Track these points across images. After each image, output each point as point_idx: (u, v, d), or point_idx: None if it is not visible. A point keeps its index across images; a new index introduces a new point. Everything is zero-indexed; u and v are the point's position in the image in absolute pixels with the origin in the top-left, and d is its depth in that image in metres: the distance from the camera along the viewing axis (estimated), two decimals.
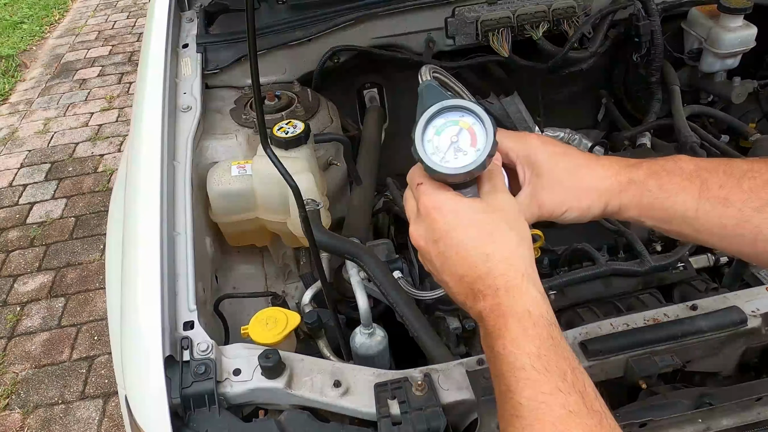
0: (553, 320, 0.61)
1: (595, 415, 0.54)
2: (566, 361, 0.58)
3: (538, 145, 0.74)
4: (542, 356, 0.57)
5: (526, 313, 0.60)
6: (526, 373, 0.57)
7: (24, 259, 3.16)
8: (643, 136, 1.67)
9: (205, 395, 0.86)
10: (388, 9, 1.63)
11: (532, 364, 0.57)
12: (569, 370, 0.57)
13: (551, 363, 0.57)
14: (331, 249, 1.14)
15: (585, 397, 0.55)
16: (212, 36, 1.62)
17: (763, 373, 1.02)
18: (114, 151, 3.91)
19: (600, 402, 0.56)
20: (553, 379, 0.56)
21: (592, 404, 0.55)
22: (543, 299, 0.62)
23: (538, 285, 0.64)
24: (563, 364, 0.57)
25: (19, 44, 5.57)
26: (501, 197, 0.67)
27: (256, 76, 0.80)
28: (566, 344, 0.60)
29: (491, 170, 0.69)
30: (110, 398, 2.44)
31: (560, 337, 0.60)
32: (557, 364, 0.57)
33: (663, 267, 1.19)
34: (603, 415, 0.55)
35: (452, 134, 0.67)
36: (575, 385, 0.56)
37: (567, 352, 0.59)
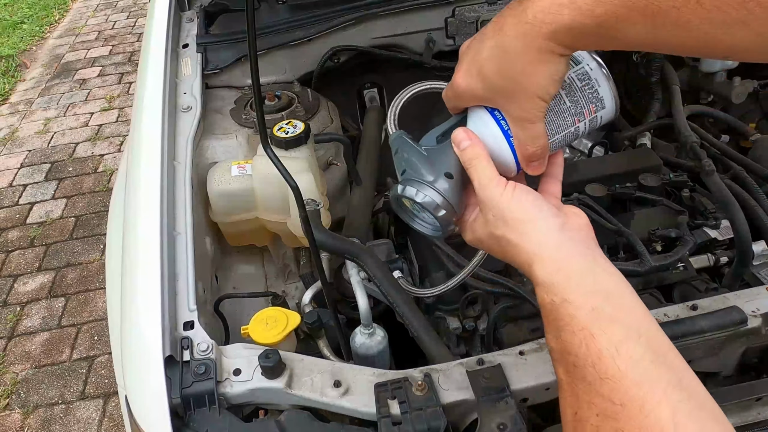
0: (565, 293, 0.59)
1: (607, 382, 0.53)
2: (578, 334, 0.56)
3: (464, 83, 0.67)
4: (560, 338, 0.58)
5: (542, 301, 0.61)
6: (554, 355, 0.60)
7: (24, 259, 3.16)
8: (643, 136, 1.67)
9: (206, 395, 0.86)
10: (388, 9, 1.63)
11: (555, 347, 0.60)
12: (582, 342, 0.56)
13: (567, 342, 0.58)
14: (331, 249, 1.14)
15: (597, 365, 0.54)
16: (212, 36, 1.62)
17: (763, 373, 1.02)
18: (114, 151, 3.91)
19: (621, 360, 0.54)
20: (570, 357, 0.57)
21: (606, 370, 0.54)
22: (553, 276, 0.60)
23: (547, 263, 0.61)
24: (575, 339, 0.56)
25: (19, 44, 5.57)
26: (488, 202, 0.67)
27: (256, 76, 0.80)
28: (583, 311, 0.57)
29: (469, 161, 0.69)
30: (110, 398, 2.44)
31: (575, 309, 0.57)
32: (571, 341, 0.57)
33: (663, 267, 1.19)
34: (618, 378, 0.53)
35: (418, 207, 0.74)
36: (588, 357, 0.55)
37: (581, 321, 0.56)
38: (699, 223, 1.32)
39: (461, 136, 0.70)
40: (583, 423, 0.55)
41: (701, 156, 1.38)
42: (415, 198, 0.71)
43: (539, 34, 0.57)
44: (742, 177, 1.37)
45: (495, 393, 0.84)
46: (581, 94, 0.68)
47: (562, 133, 0.68)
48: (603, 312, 0.56)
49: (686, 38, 0.52)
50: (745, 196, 1.30)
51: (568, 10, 0.54)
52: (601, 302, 0.57)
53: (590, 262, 0.61)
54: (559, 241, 0.63)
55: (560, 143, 0.70)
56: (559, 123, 0.68)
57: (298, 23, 1.61)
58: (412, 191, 0.71)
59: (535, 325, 1.17)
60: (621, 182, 1.38)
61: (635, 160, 1.47)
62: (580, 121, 0.68)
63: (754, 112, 1.82)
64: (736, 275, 1.26)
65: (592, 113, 0.68)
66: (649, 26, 0.53)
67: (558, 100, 0.67)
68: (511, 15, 0.60)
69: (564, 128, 0.68)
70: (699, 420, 0.50)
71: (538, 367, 0.89)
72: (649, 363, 0.53)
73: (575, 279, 0.59)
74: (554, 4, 0.55)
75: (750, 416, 0.87)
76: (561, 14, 0.55)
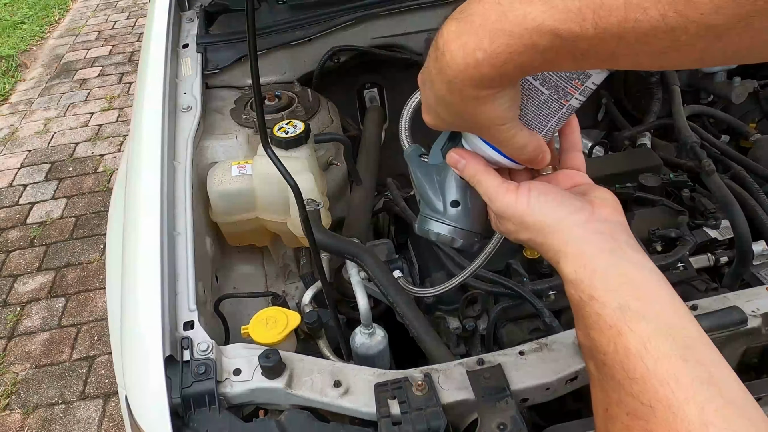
0: (592, 290, 0.57)
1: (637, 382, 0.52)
2: (606, 332, 0.55)
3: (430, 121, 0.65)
4: (588, 335, 0.57)
5: (571, 298, 0.60)
6: (584, 351, 0.59)
7: (24, 259, 3.16)
8: (643, 136, 1.67)
9: (206, 395, 0.86)
10: (388, 9, 1.63)
11: (585, 343, 0.59)
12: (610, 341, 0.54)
13: (595, 340, 0.56)
14: (331, 249, 1.14)
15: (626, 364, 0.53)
16: (212, 36, 1.62)
17: (763, 373, 1.02)
18: (114, 151, 3.91)
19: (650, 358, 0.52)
20: (599, 355, 0.56)
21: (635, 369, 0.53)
22: (578, 272, 0.59)
23: (572, 259, 0.60)
24: (603, 338, 0.55)
25: (19, 44, 5.57)
26: (501, 212, 0.66)
27: (257, 76, 0.80)
28: (609, 308, 0.55)
29: (472, 179, 0.68)
30: (110, 398, 2.44)
31: (601, 306, 0.55)
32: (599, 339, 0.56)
33: (663, 267, 1.19)
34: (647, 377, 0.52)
35: None
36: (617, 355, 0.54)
37: (609, 319, 0.55)
38: (699, 223, 1.32)
39: (454, 158, 0.69)
40: (613, 420, 0.54)
41: (701, 156, 1.38)
42: (430, 237, 0.74)
43: (467, 88, 0.55)
44: (742, 177, 1.37)
45: (495, 393, 0.84)
46: (558, 77, 0.63)
47: (554, 118, 0.66)
48: (630, 308, 0.54)
49: (617, 64, 0.50)
50: (745, 196, 1.30)
51: (486, 66, 0.52)
52: (629, 298, 0.55)
53: (617, 256, 0.59)
54: (584, 236, 0.61)
55: (557, 126, 0.67)
56: (546, 113, 0.65)
57: (298, 23, 1.61)
58: (425, 230, 0.75)
59: (535, 325, 1.17)
60: (621, 182, 1.39)
61: (635, 160, 1.47)
62: (568, 100, 0.64)
63: (754, 112, 1.82)
64: (736, 275, 1.26)
65: (579, 87, 0.64)
66: (573, 63, 0.51)
67: (535, 93, 0.63)
68: (435, 71, 0.57)
69: (553, 114, 0.65)
70: (728, 418, 0.48)
71: (538, 367, 0.89)
72: (678, 359, 0.51)
73: (601, 275, 0.57)
74: (470, 66, 0.52)
75: None
76: (480, 70, 0.52)
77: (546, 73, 0.62)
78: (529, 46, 0.49)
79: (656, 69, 0.51)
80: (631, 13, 0.44)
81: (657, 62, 0.48)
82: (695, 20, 0.42)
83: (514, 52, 0.50)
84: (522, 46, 0.49)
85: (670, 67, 0.50)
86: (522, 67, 0.51)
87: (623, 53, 0.47)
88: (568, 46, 0.48)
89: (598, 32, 0.46)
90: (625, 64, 0.49)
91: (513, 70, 0.52)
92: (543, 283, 1.19)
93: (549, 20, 0.47)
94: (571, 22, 0.47)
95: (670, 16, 0.43)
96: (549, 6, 0.47)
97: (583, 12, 0.46)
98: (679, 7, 0.42)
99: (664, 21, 0.43)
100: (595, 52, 0.48)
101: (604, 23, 0.45)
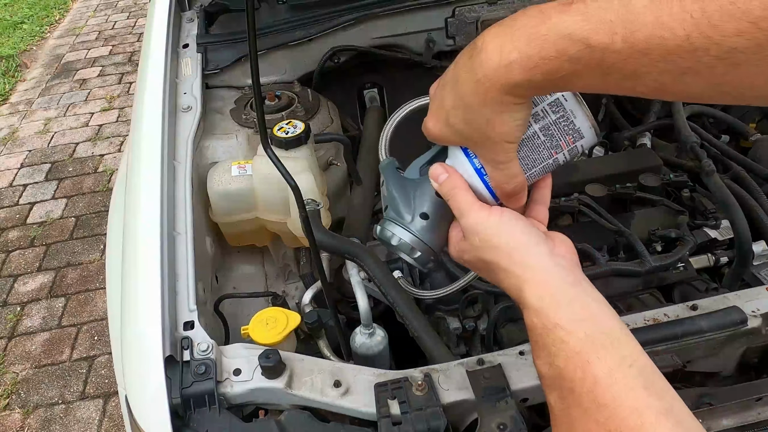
0: (557, 318, 0.59)
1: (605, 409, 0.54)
2: (573, 359, 0.57)
3: (435, 130, 0.67)
4: (552, 364, 0.58)
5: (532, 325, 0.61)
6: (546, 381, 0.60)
7: (24, 259, 3.16)
8: (643, 136, 1.67)
9: (206, 395, 0.86)
10: (388, 9, 1.63)
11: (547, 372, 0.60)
12: (577, 368, 0.56)
13: (560, 368, 0.58)
14: (331, 249, 1.14)
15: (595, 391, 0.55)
16: (212, 36, 1.62)
17: (763, 373, 1.02)
18: (114, 151, 3.91)
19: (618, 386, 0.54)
20: (566, 383, 0.57)
21: (603, 396, 0.55)
22: (544, 299, 0.61)
23: (538, 287, 0.62)
24: (570, 364, 0.57)
25: (19, 44, 5.57)
26: (472, 228, 0.67)
27: (257, 76, 0.80)
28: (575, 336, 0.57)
29: (447, 193, 0.69)
30: (110, 398, 2.44)
31: (567, 334, 0.58)
32: (565, 367, 0.57)
33: (663, 267, 1.19)
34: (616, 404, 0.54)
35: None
36: (584, 383, 0.56)
37: (574, 347, 0.57)
38: (699, 223, 1.32)
39: (438, 170, 0.70)
40: None
41: (701, 156, 1.38)
42: (391, 242, 0.74)
43: (493, 89, 0.57)
44: (742, 177, 1.37)
45: (495, 393, 0.84)
46: (556, 128, 0.67)
47: (540, 165, 0.69)
48: (596, 338, 0.57)
49: (636, 86, 0.52)
50: (745, 196, 1.30)
51: (517, 69, 0.55)
52: (593, 329, 0.58)
53: (578, 289, 0.62)
54: (549, 266, 0.63)
55: (539, 174, 0.70)
56: (535, 157, 0.68)
57: (298, 23, 1.61)
58: (387, 234, 0.74)
59: None
60: (621, 182, 1.39)
61: (635, 160, 1.47)
62: (557, 153, 0.68)
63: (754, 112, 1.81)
64: (736, 275, 1.26)
65: (570, 144, 0.68)
66: (598, 77, 0.53)
67: (532, 135, 0.67)
68: (464, 69, 0.60)
69: (541, 161, 0.68)
70: None
71: None
72: (642, 389, 0.54)
73: (565, 304, 0.60)
74: (502, 66, 0.56)
75: (750, 416, 0.87)
76: (510, 72, 0.55)
77: (547, 120, 0.66)
78: (561, 52, 0.52)
79: (675, 94, 0.52)
80: (659, 30, 0.47)
81: (677, 84, 0.50)
82: (717, 42, 0.44)
83: (545, 57, 0.53)
84: (554, 51, 0.52)
85: (688, 93, 0.51)
86: (549, 76, 0.54)
87: (646, 71, 0.50)
88: (597, 57, 0.51)
89: (626, 46, 0.49)
90: (646, 84, 0.51)
91: (540, 78, 0.54)
92: None
93: (582, 29, 0.51)
94: (602, 34, 0.50)
95: (694, 36, 0.45)
96: (584, 17, 0.51)
97: (615, 25, 0.49)
98: (703, 29, 0.45)
99: (689, 40, 0.46)
100: (620, 68, 0.51)
101: (632, 38, 0.48)
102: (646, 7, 0.48)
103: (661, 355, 0.91)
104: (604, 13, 0.50)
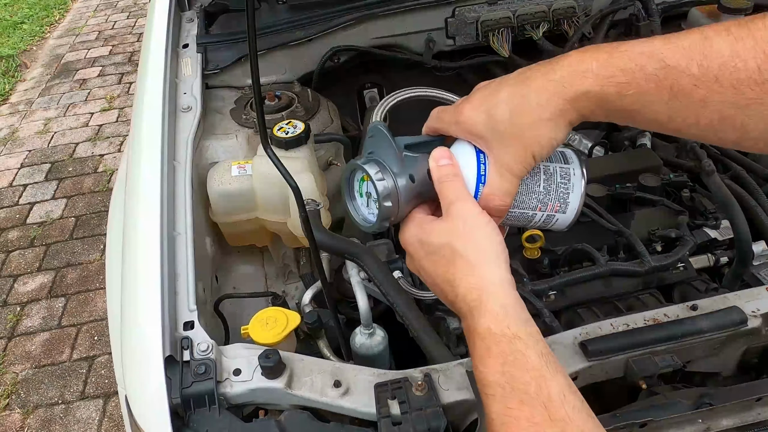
0: (517, 330, 0.61)
1: (558, 423, 0.56)
2: (530, 372, 0.58)
3: (469, 117, 0.68)
4: (506, 372, 0.59)
5: (488, 331, 0.61)
6: (493, 389, 0.59)
7: (24, 259, 3.16)
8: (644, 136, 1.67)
9: (206, 395, 0.86)
10: (388, 9, 1.63)
11: (497, 380, 0.59)
12: (533, 381, 0.58)
13: (515, 378, 0.58)
14: (331, 249, 1.14)
15: (549, 406, 0.56)
16: (212, 36, 1.62)
17: (763, 373, 1.02)
18: (114, 151, 3.91)
19: (568, 406, 0.57)
20: (516, 393, 0.58)
21: (557, 412, 0.56)
22: (507, 309, 0.62)
23: (502, 296, 0.63)
24: (527, 376, 0.58)
25: (19, 44, 5.57)
26: (458, 204, 0.67)
27: (257, 76, 0.80)
28: (533, 351, 0.60)
29: (441, 178, 0.69)
30: (110, 398, 2.44)
31: (525, 347, 0.60)
32: (521, 377, 0.58)
33: (663, 267, 1.19)
34: (567, 421, 0.56)
35: (365, 190, 0.74)
36: (539, 396, 0.57)
37: (532, 361, 0.59)
38: (699, 223, 1.32)
39: (443, 154, 0.70)
40: None
41: (701, 156, 1.38)
42: (373, 176, 0.70)
43: (562, 94, 0.61)
44: (742, 177, 1.37)
45: None
46: (555, 188, 0.70)
47: (521, 210, 0.70)
48: (549, 359, 0.60)
49: (701, 115, 0.56)
50: (745, 196, 1.30)
51: (592, 77, 0.59)
52: (546, 351, 0.61)
53: (529, 315, 0.64)
54: (512, 285, 0.65)
55: (512, 219, 0.71)
56: (524, 200, 0.70)
57: (298, 23, 1.61)
58: (373, 168, 0.70)
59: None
60: (621, 182, 1.38)
61: (635, 160, 1.47)
62: (541, 210, 0.71)
63: None
64: (736, 275, 1.26)
65: (554, 210, 0.71)
66: (666, 99, 0.56)
67: (535, 179, 0.69)
68: (539, 71, 0.63)
69: (524, 207, 0.70)
70: None
71: None
72: (586, 415, 0.57)
73: (523, 322, 0.62)
74: (579, 71, 0.60)
75: (750, 416, 0.87)
76: (585, 79, 0.59)
77: (553, 178, 0.70)
78: (639, 66, 0.57)
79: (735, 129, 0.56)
80: (732, 60, 0.53)
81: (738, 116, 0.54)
82: None
83: (623, 68, 0.58)
84: (633, 63, 0.57)
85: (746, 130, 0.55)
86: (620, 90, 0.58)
87: (715, 99, 0.54)
88: (671, 78, 0.56)
89: (700, 72, 0.54)
90: (710, 115, 0.56)
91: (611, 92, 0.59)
92: (543, 283, 1.19)
93: (661, 50, 0.56)
94: (680, 57, 0.55)
95: (764, 68, 0.51)
96: (664, 42, 0.57)
97: (692, 52, 0.55)
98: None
99: (759, 71, 0.51)
100: (689, 93, 0.55)
101: (707, 64, 0.54)
102: (723, 40, 0.53)
103: (661, 356, 0.91)
104: (683, 42, 0.56)
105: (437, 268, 0.68)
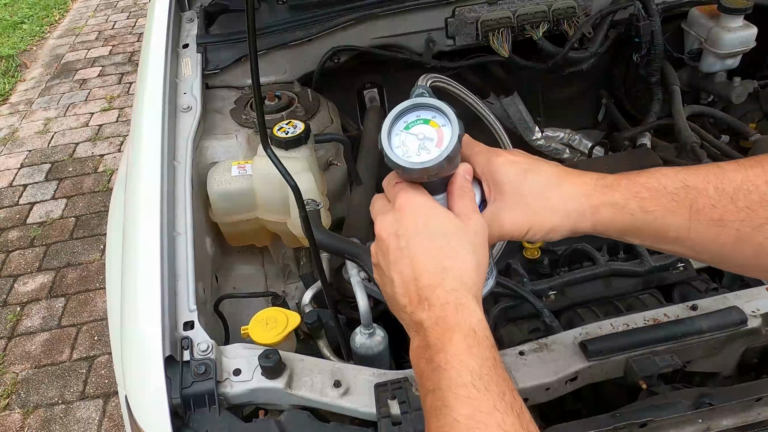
0: (494, 344, 0.62)
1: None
2: (505, 382, 0.59)
3: (503, 164, 0.70)
4: (483, 375, 0.58)
5: (472, 331, 0.61)
6: (467, 390, 0.58)
7: (24, 259, 3.16)
8: (644, 136, 1.67)
9: (206, 395, 0.86)
10: (388, 9, 1.63)
11: (473, 381, 0.58)
12: (508, 390, 0.58)
13: (491, 382, 0.58)
14: (331, 249, 1.14)
15: (521, 418, 0.57)
16: (212, 36, 1.62)
17: (763, 373, 1.02)
18: (114, 152, 3.91)
19: (534, 427, 0.57)
20: (492, 398, 0.57)
21: (528, 426, 0.56)
22: (486, 324, 0.63)
23: (479, 307, 0.65)
24: (503, 384, 0.58)
25: (19, 44, 5.57)
26: (474, 218, 0.67)
27: (257, 76, 0.80)
28: (504, 368, 0.61)
29: (463, 188, 0.69)
30: (110, 398, 2.44)
31: (500, 359, 0.61)
32: (497, 383, 0.58)
33: (663, 267, 1.19)
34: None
35: (420, 132, 0.68)
36: (513, 406, 0.57)
37: (506, 374, 0.60)
38: None
39: (470, 170, 0.71)
40: None
41: (701, 156, 1.38)
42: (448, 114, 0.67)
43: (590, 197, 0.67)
44: None
45: None
46: None
47: None
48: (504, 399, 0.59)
49: (720, 234, 0.61)
50: None
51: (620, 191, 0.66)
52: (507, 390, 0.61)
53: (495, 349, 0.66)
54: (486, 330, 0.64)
55: None
56: None
57: (298, 23, 1.61)
58: (449, 108, 0.67)
59: (535, 326, 1.17)
60: None
61: (635, 160, 1.47)
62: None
63: (754, 112, 1.82)
64: (736, 275, 1.26)
65: None
66: (686, 218, 0.62)
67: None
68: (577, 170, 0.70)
69: None
70: None
71: (538, 368, 0.89)
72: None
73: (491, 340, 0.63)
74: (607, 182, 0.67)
75: (750, 416, 0.87)
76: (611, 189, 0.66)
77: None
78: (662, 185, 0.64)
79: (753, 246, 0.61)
80: (745, 185, 0.60)
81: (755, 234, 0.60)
82: None
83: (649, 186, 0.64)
84: (657, 182, 0.64)
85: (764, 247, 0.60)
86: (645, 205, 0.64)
87: (731, 218, 0.60)
88: (690, 198, 0.62)
89: (716, 193, 0.61)
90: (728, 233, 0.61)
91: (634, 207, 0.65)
92: (543, 283, 1.19)
93: (681, 173, 0.64)
94: (698, 179, 0.62)
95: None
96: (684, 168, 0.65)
97: (709, 176, 0.62)
98: None
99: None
100: (708, 213, 0.61)
101: (722, 186, 0.61)
102: (735, 169, 0.61)
103: (661, 356, 0.91)
104: (700, 169, 0.63)
105: (437, 250, 0.65)
